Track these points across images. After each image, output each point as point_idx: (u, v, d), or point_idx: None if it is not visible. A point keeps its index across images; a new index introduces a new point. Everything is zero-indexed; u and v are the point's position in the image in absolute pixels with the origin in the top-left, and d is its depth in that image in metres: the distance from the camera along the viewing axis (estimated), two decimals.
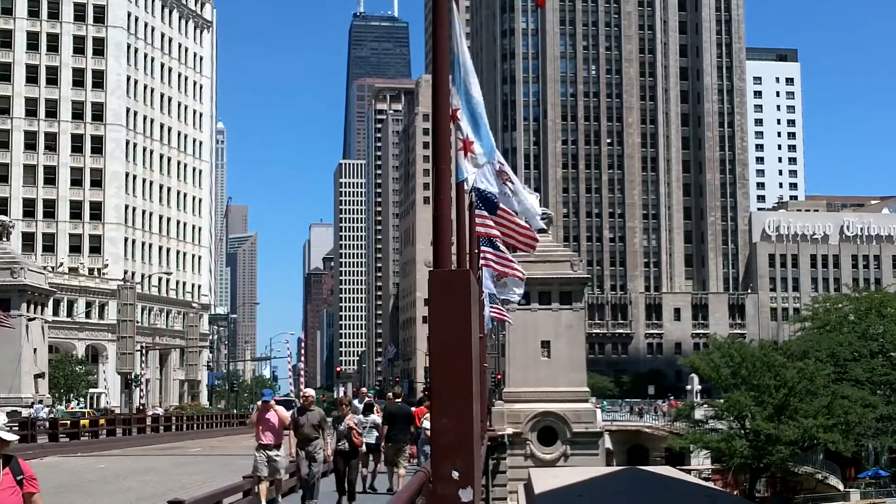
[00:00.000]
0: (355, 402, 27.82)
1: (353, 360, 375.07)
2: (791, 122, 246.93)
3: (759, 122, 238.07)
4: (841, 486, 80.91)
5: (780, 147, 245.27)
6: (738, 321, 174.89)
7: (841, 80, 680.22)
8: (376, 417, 23.78)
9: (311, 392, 21.01)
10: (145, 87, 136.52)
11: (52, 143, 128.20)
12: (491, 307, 29.37)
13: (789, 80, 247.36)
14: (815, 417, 70.40)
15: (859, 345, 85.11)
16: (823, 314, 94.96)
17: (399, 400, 25.05)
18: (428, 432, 23.25)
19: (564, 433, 53.77)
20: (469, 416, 9.27)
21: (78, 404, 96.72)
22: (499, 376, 65.27)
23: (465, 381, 9.31)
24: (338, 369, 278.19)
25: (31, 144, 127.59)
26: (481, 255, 22.38)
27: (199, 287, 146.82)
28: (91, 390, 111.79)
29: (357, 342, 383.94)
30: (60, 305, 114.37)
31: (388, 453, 23.25)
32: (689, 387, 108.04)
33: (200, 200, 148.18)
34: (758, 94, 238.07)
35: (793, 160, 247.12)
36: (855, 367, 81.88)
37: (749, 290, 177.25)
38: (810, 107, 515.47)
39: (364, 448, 22.19)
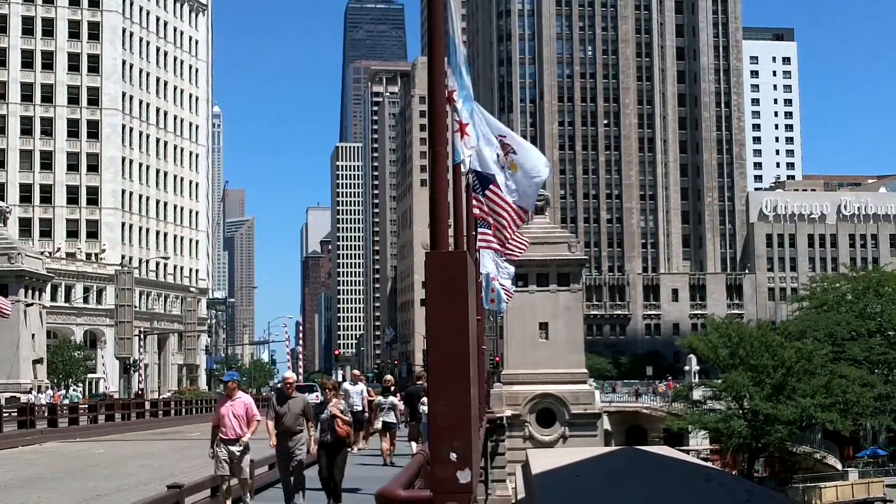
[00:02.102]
0: (347, 384, 27.97)
1: (352, 344, 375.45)
2: (788, 102, 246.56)
3: (755, 101, 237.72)
4: (839, 466, 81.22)
5: (776, 127, 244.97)
6: (735, 301, 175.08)
7: (838, 59, 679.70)
8: (394, 399, 26.69)
9: (291, 375, 18.65)
10: (141, 70, 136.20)
11: (48, 128, 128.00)
12: (503, 289, 29.27)
13: (786, 60, 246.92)
14: (813, 397, 70.62)
15: (857, 324, 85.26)
16: (821, 294, 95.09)
17: (421, 381, 27.50)
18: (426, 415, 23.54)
19: (563, 415, 53.86)
20: (467, 398, 9.26)
21: (76, 389, 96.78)
22: (497, 358, 65.31)
23: (463, 364, 9.28)
24: (336, 352, 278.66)
25: (27, 129, 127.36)
26: (479, 236, 22.36)
27: (197, 271, 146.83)
28: (89, 375, 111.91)
29: (355, 325, 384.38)
30: (58, 291, 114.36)
31: (412, 431, 26.67)
32: (687, 367, 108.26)
33: (197, 184, 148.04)
34: (754, 73, 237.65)
35: (790, 140, 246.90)
36: (853, 346, 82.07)
37: (747, 271, 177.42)
38: (807, 86, 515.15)
39: (379, 425, 25.77)
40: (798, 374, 72.63)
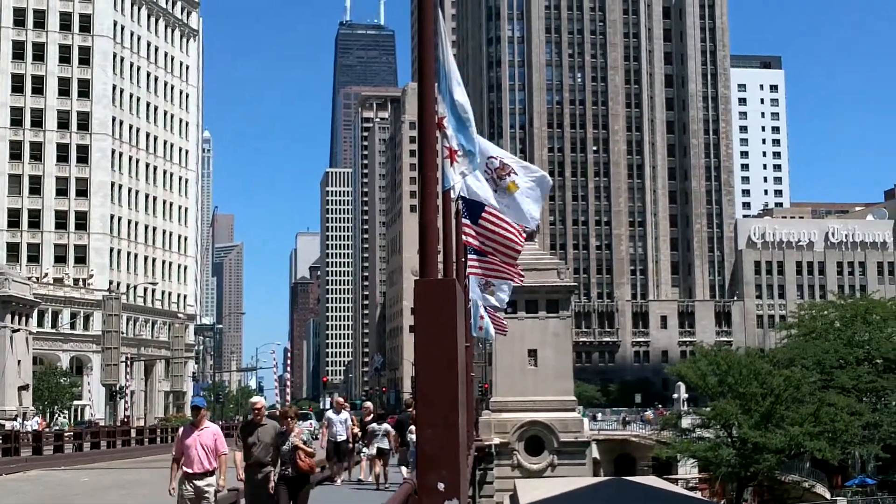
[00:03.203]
0: (330, 413, 27.30)
1: (340, 371, 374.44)
2: (776, 129, 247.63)
3: (743, 129, 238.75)
4: (828, 495, 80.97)
5: (764, 154, 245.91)
6: (724, 329, 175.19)
7: (825, 87, 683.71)
8: (388, 426, 26.83)
9: (260, 400, 16.57)
10: (131, 95, 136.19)
11: (37, 152, 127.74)
12: (492, 318, 29.15)
13: (773, 88, 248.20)
14: (802, 425, 70.47)
15: (845, 352, 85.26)
16: (809, 321, 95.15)
17: (410, 409, 27.94)
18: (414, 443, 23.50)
19: (551, 443, 53.71)
20: (455, 426, 9.18)
21: (61, 416, 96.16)
22: (486, 385, 65.15)
23: (451, 391, 9.22)
24: (324, 379, 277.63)
25: (16, 154, 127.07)
26: (469, 263, 22.29)
27: (185, 297, 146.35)
28: (75, 402, 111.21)
29: (344, 352, 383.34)
30: (45, 316, 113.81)
31: (401, 455, 27.17)
32: (675, 395, 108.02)
33: (186, 210, 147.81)
34: (742, 101, 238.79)
35: (777, 167, 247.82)
36: (841, 374, 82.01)
37: (735, 298, 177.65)
38: (794, 114, 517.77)
39: (374, 451, 25.91)
40: (787, 403, 72.53)
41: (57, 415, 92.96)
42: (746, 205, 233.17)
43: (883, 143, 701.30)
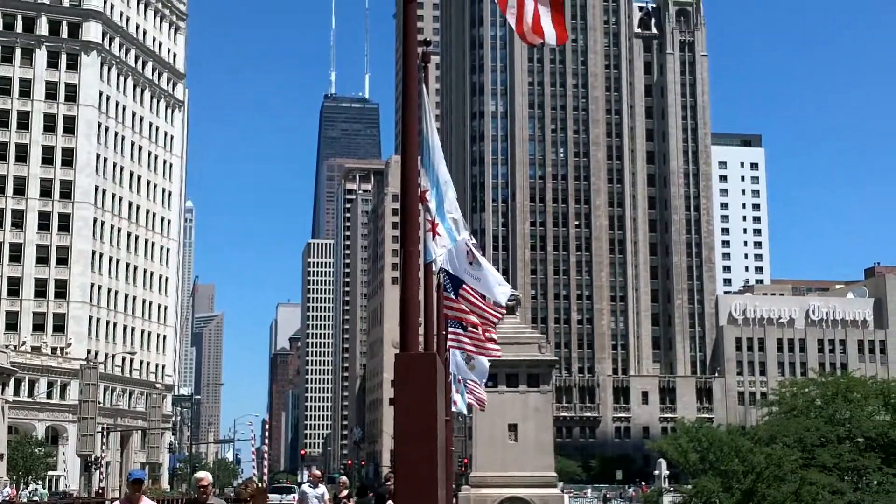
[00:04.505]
0: (305, 486, 26.85)
1: (319, 443, 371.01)
2: (756, 207, 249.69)
3: (724, 205, 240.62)
4: None
5: (745, 231, 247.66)
6: (705, 405, 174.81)
7: (805, 166, 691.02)
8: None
9: (206, 476, 15.44)
10: (115, 165, 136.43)
11: (19, 220, 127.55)
12: (468, 391, 28.98)
13: (754, 166, 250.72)
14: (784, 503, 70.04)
15: (826, 430, 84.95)
16: (790, 399, 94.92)
17: (389, 483, 27.39)
18: None
19: None
20: (434, 500, 9.09)
21: (36, 488, 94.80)
22: (465, 460, 64.61)
23: (430, 465, 9.14)
24: (302, 452, 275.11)
25: None
26: (449, 336, 22.23)
27: (164, 367, 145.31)
28: (50, 472, 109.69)
29: (323, 424, 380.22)
30: (21, 385, 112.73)
31: None
32: (657, 472, 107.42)
33: (167, 279, 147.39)
34: (723, 178, 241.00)
35: (758, 244, 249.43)
36: (822, 452, 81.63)
37: (716, 374, 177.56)
38: (775, 191, 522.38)
39: None
40: (768, 481, 72.09)
41: (33, 485, 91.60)
42: (727, 281, 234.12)
43: (862, 222, 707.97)
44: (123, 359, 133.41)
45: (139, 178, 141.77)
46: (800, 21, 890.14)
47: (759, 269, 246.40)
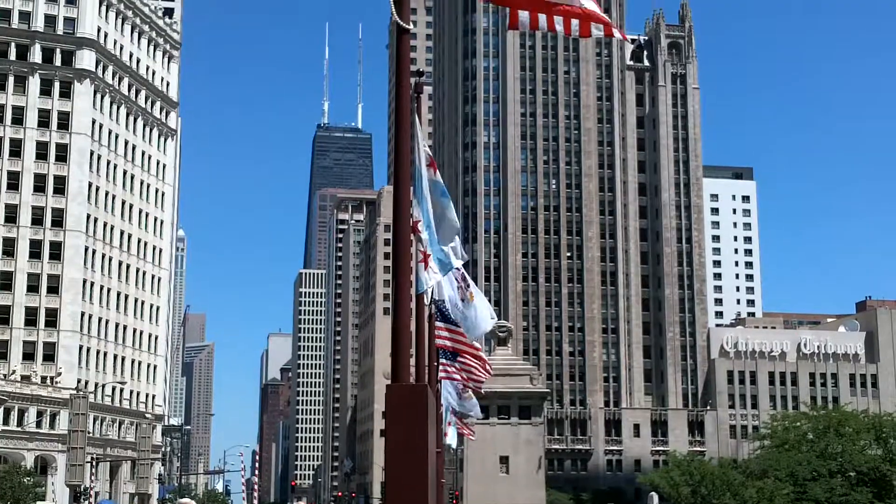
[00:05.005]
0: None
1: (309, 474, 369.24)
2: (748, 239, 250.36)
3: (716, 238, 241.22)
4: None
5: (737, 263, 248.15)
6: (697, 438, 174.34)
7: (797, 198, 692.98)
8: None
9: (189, 503, 14.37)
10: (107, 193, 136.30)
11: (10, 248, 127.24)
12: (458, 422, 28.85)
13: (745, 198, 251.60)
14: None
15: (818, 464, 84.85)
16: (782, 432, 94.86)
17: None
18: None
19: None
20: None
21: None
22: (457, 493, 64.27)
23: (421, 498, 9.05)
24: (293, 483, 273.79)
25: None
26: (441, 367, 22.13)
27: (154, 397, 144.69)
28: (39, 503, 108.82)
29: (313, 455, 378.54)
30: (11, 414, 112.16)
31: None
32: None
33: (158, 309, 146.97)
34: (715, 210, 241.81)
35: (750, 276, 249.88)
36: (814, 486, 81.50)
37: (708, 407, 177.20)
38: (766, 224, 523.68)
39: None
40: None
41: None
42: (719, 313, 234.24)
43: (854, 255, 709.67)
44: (113, 388, 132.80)
45: (131, 206, 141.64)
46: (791, 54, 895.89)
47: (750, 302, 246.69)
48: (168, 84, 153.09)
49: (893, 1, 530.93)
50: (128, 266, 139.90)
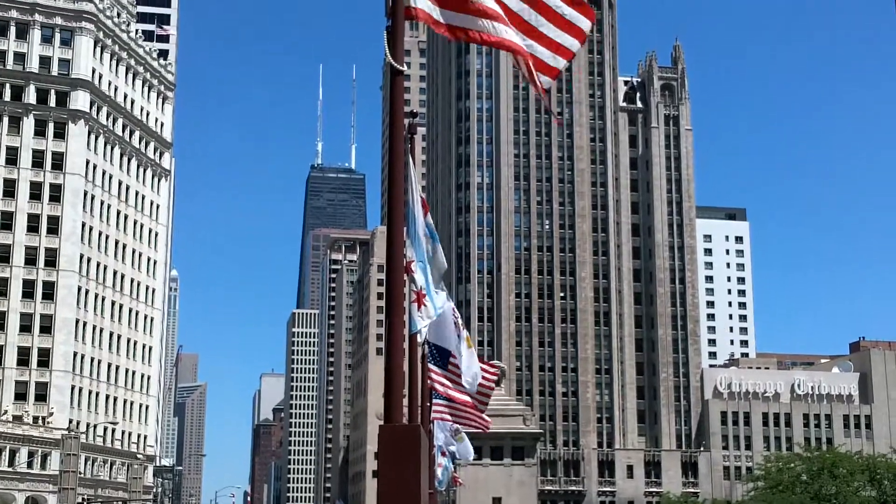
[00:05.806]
0: None
1: None
2: (741, 280, 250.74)
3: (709, 279, 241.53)
4: None
5: (730, 304, 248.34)
6: (691, 479, 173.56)
7: (790, 239, 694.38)
8: None
9: None
10: (100, 233, 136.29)
11: (3, 287, 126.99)
12: (450, 467, 28.71)
13: (739, 239, 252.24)
14: None
15: None
16: (776, 474, 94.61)
17: None
18: None
19: None
20: None
21: None
22: None
23: None
24: None
25: None
26: (433, 408, 22.10)
27: (146, 437, 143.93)
28: None
29: (305, 496, 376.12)
30: (2, 454, 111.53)
31: None
32: None
33: (150, 349, 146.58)
34: (708, 251, 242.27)
35: (743, 317, 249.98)
36: None
37: (702, 448, 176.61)
38: (760, 265, 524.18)
39: None
40: None
41: None
42: (713, 354, 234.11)
43: (847, 296, 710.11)
44: (105, 429, 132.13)
45: (124, 246, 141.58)
46: (783, 96, 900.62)
47: (744, 343, 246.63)
48: (162, 125, 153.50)
49: (885, 44, 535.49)
50: (121, 306, 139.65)
